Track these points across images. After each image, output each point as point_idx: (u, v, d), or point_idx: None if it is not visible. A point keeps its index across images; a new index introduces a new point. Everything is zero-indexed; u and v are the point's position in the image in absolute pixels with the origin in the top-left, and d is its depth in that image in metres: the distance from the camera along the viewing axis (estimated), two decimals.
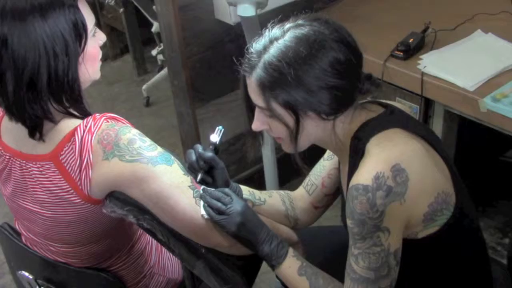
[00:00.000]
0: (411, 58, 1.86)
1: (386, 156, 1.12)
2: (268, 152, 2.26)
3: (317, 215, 1.50)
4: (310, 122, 1.17)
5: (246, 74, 1.18)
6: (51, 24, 1.14)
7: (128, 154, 1.19)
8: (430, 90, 1.78)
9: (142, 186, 1.20)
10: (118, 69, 4.04)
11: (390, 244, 1.13)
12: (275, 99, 1.15)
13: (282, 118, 1.17)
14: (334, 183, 1.45)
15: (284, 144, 1.24)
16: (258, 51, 1.16)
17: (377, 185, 1.09)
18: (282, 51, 1.13)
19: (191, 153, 1.31)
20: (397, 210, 1.11)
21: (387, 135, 1.16)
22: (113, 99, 3.72)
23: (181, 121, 2.48)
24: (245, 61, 1.18)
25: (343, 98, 1.16)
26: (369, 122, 1.20)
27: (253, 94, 1.18)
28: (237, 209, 1.22)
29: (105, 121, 1.21)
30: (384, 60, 1.86)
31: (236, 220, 1.21)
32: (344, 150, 1.24)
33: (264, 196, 1.45)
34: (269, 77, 1.14)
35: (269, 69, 1.13)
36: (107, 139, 1.19)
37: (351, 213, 1.12)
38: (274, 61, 1.13)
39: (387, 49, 1.89)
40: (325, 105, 1.15)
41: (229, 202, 1.23)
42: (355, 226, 1.12)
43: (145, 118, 3.49)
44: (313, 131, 1.19)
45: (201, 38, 2.25)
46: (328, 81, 1.13)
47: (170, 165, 1.22)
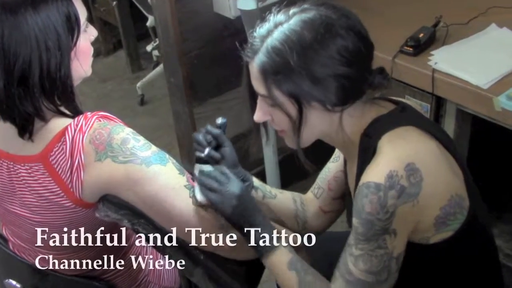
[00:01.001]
0: (421, 54, 1.86)
1: (399, 154, 1.12)
2: (269, 153, 2.26)
3: (327, 221, 1.50)
4: (314, 113, 1.17)
5: (248, 60, 1.18)
6: (43, 17, 1.15)
7: (121, 155, 1.19)
8: (442, 88, 1.78)
9: (136, 188, 1.20)
10: (111, 66, 4.05)
11: (395, 248, 1.12)
12: (277, 86, 1.15)
13: (284, 107, 1.16)
14: (341, 185, 1.45)
15: (287, 138, 1.24)
16: (261, 35, 1.16)
17: (390, 184, 1.09)
18: (285, 35, 1.13)
19: (198, 134, 1.31)
20: (408, 212, 1.11)
21: (399, 133, 1.16)
22: (105, 97, 3.72)
23: (177, 120, 2.48)
24: (248, 46, 1.18)
25: (351, 88, 1.15)
26: (380, 119, 1.20)
27: (255, 81, 1.18)
28: (233, 189, 1.21)
29: (97, 120, 1.21)
30: (393, 56, 1.86)
31: (232, 202, 1.20)
32: (352, 148, 1.24)
33: (275, 192, 1.45)
34: (271, 62, 1.13)
35: (272, 53, 1.13)
36: (99, 139, 1.19)
37: (359, 212, 1.12)
38: (276, 45, 1.13)
39: (396, 44, 1.89)
40: (330, 94, 1.14)
41: (225, 181, 1.22)
42: (360, 226, 1.12)
43: (140, 117, 3.49)
44: (317, 124, 1.19)
45: (199, 33, 2.25)
46: (335, 69, 1.12)
47: (164, 165, 1.22)
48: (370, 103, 1.22)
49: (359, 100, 1.19)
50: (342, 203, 1.48)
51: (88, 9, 3.24)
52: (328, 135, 1.23)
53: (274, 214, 1.37)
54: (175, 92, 2.37)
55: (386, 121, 1.18)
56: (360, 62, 1.15)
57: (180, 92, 2.33)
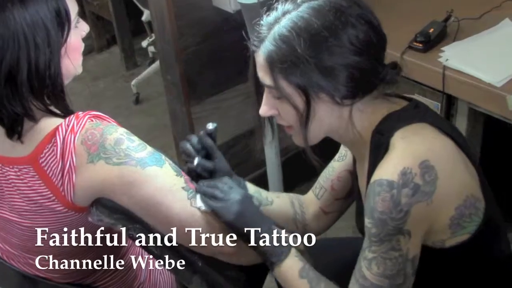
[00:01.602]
0: (431, 50, 1.86)
1: (413, 151, 1.12)
2: (272, 154, 2.26)
3: (328, 221, 1.51)
4: (323, 106, 1.17)
5: (255, 49, 1.19)
6: (31, 12, 1.15)
7: (115, 156, 1.19)
8: (453, 86, 1.78)
9: (131, 191, 1.20)
10: (104, 63, 4.05)
11: (409, 250, 1.13)
12: (284, 76, 1.15)
13: (291, 99, 1.17)
14: (345, 186, 1.45)
15: (295, 134, 1.24)
16: (268, 23, 1.18)
17: (404, 182, 1.09)
18: (293, 22, 1.14)
19: (185, 142, 1.33)
20: (422, 212, 1.11)
21: (413, 129, 1.17)
22: (98, 96, 3.73)
23: (174, 120, 2.48)
24: (255, 35, 1.19)
25: (362, 80, 1.16)
26: (392, 115, 1.20)
27: (261, 71, 1.19)
28: (236, 197, 1.23)
29: (89, 120, 1.21)
30: (402, 53, 1.86)
31: (234, 208, 1.22)
32: (362, 145, 1.24)
33: (272, 197, 1.46)
34: (278, 50, 1.14)
35: (278, 41, 1.14)
36: (92, 139, 1.19)
37: (371, 211, 1.12)
38: (284, 32, 1.14)
39: (405, 40, 1.89)
40: (340, 86, 1.15)
41: (227, 189, 1.24)
42: (373, 226, 1.12)
43: (134, 117, 3.50)
44: (326, 118, 1.19)
45: (197, 28, 2.25)
46: (345, 58, 1.13)
47: (160, 167, 1.22)
48: (382, 99, 1.22)
49: (370, 95, 1.20)
50: (345, 204, 1.48)
51: (80, 4, 3.25)
52: (337, 131, 1.24)
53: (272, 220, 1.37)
54: (172, 90, 2.37)
55: (399, 118, 1.19)
56: (371, 53, 1.16)
57: (177, 90, 2.34)
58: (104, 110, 1.28)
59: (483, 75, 1.73)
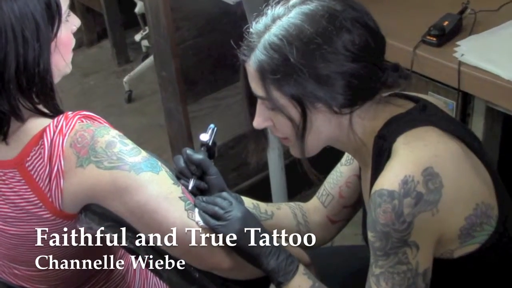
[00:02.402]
0: (446, 45, 1.86)
1: (416, 158, 1.13)
2: (274, 157, 2.26)
3: (334, 230, 1.51)
4: (320, 116, 1.18)
5: (245, 58, 1.20)
6: (20, 4, 1.15)
7: (106, 160, 1.19)
8: (469, 83, 1.78)
9: (124, 197, 1.21)
10: (95, 58, 4.06)
11: (419, 263, 1.13)
12: (277, 87, 1.16)
13: (285, 110, 1.18)
14: (354, 192, 1.45)
15: (292, 146, 1.26)
16: (258, 31, 1.18)
17: (405, 191, 1.10)
18: (284, 29, 1.15)
19: (179, 159, 1.32)
20: (428, 222, 1.12)
21: (417, 134, 1.17)
22: (88, 94, 3.73)
23: (170, 120, 2.48)
24: (244, 44, 1.19)
25: (360, 87, 1.16)
26: (396, 119, 1.21)
27: (253, 81, 1.20)
28: (237, 214, 1.23)
29: (79, 121, 1.22)
30: (414, 47, 1.86)
31: (236, 227, 1.22)
32: (366, 152, 1.25)
33: (271, 209, 1.46)
34: (269, 59, 1.15)
35: (269, 50, 1.15)
36: (82, 142, 1.20)
37: (373, 224, 1.13)
38: (275, 40, 1.15)
39: (418, 33, 1.89)
40: (337, 94, 1.15)
41: (227, 206, 1.24)
42: (377, 240, 1.13)
43: (127, 117, 3.50)
44: (324, 128, 1.20)
45: (195, 20, 2.26)
46: (340, 66, 1.14)
47: (156, 173, 1.23)
48: (384, 103, 1.23)
49: (371, 100, 1.20)
50: (353, 211, 1.49)
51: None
52: (338, 140, 1.24)
53: None
54: (167, 87, 2.38)
55: (402, 121, 1.19)
56: (369, 58, 1.16)
57: (173, 88, 2.34)
58: (94, 109, 1.29)
59: (501, 71, 1.73)
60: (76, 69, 3.88)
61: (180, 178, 1.32)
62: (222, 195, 1.28)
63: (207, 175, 1.32)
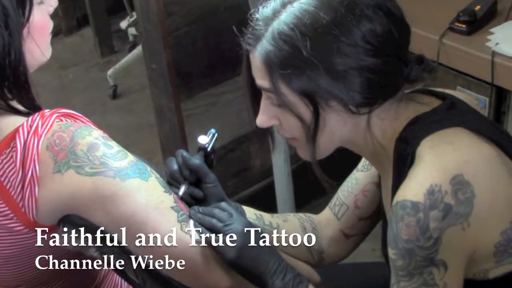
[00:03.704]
0: (477, 33, 1.86)
1: (444, 164, 1.13)
2: (280, 161, 2.27)
3: (349, 246, 1.51)
4: (334, 116, 1.18)
5: (249, 48, 1.19)
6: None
7: (88, 165, 1.20)
8: (504, 77, 1.78)
9: (108, 208, 1.21)
10: (74, 48, 4.07)
11: (447, 284, 1.13)
12: (286, 82, 1.16)
13: (295, 108, 1.18)
14: (372, 202, 1.45)
15: (300, 147, 1.25)
16: (265, 17, 1.18)
17: (431, 203, 1.10)
18: (296, 17, 1.15)
19: (172, 161, 1.32)
20: (458, 238, 1.11)
21: (445, 136, 1.17)
22: (67, 89, 3.74)
23: (160, 119, 2.49)
24: (249, 31, 1.19)
25: (380, 84, 1.16)
26: (420, 119, 1.21)
27: (258, 75, 1.20)
28: (238, 227, 1.23)
29: (57, 120, 1.22)
30: (441, 36, 1.86)
31: (236, 241, 1.22)
32: (385, 157, 1.24)
33: (277, 221, 1.46)
34: (278, 51, 1.15)
35: (279, 40, 1.15)
36: (60, 144, 1.20)
37: (395, 240, 1.13)
38: (285, 29, 1.15)
39: (445, 20, 1.89)
40: (354, 92, 1.15)
41: (227, 218, 1.24)
42: (399, 258, 1.12)
43: (111, 115, 3.51)
44: (338, 129, 1.20)
45: (189, 6, 2.26)
46: (359, 60, 1.14)
47: (145, 179, 1.23)
48: (407, 100, 1.23)
49: (392, 98, 1.20)
50: (371, 224, 1.49)
51: None
52: (353, 142, 1.24)
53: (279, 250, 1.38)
54: (158, 82, 2.38)
55: (427, 122, 1.19)
56: (392, 50, 1.16)
57: (164, 82, 2.34)
58: (73, 106, 1.29)
59: None
60: (53, 61, 3.88)
61: (171, 183, 1.32)
62: (220, 205, 1.28)
63: (204, 182, 1.32)
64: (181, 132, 2.40)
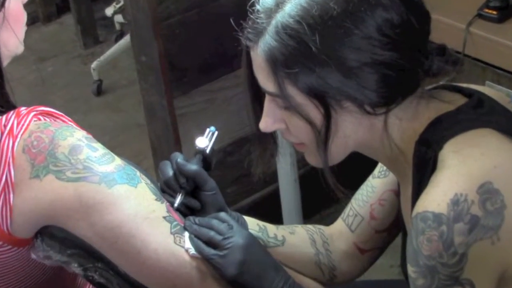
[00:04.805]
0: (510, 20, 1.86)
1: (470, 170, 1.13)
2: (285, 166, 2.26)
3: (364, 263, 1.51)
4: (348, 117, 1.19)
5: (250, 44, 1.20)
6: None
7: (69, 169, 1.20)
8: None
9: (92, 218, 1.21)
10: (53, 38, 4.07)
11: None
12: (293, 81, 1.16)
13: (304, 111, 1.18)
14: (389, 213, 1.46)
15: (308, 153, 1.26)
16: (267, 9, 1.18)
17: (456, 214, 1.10)
18: (303, 8, 1.15)
19: (167, 166, 1.33)
20: (486, 254, 1.11)
21: (471, 139, 1.17)
22: (45, 84, 3.73)
23: (151, 117, 2.49)
24: (249, 25, 1.20)
25: (399, 81, 1.17)
26: (442, 119, 1.21)
27: (261, 74, 1.20)
28: (239, 241, 1.23)
29: (35, 119, 1.22)
30: (468, 24, 1.86)
31: (237, 257, 1.22)
32: (404, 162, 1.25)
33: (282, 233, 1.46)
34: (283, 47, 1.15)
35: (283, 35, 1.15)
36: (38, 146, 1.20)
37: (415, 256, 1.13)
38: (290, 23, 1.15)
39: (473, 6, 1.89)
40: (370, 91, 1.16)
41: (226, 230, 1.25)
42: (420, 277, 1.13)
43: (96, 114, 3.51)
44: (352, 132, 1.21)
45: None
46: (375, 54, 1.14)
47: (134, 186, 1.23)
48: (428, 98, 1.23)
49: (411, 96, 1.20)
50: (389, 237, 1.49)
51: None
52: (369, 146, 1.25)
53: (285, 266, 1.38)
54: (148, 76, 2.38)
55: (451, 122, 1.19)
56: (411, 42, 1.17)
57: (155, 77, 2.34)
58: (53, 103, 1.29)
59: None
60: (29, 53, 3.87)
61: (165, 191, 1.32)
62: (219, 216, 1.28)
63: (202, 190, 1.32)
64: (174, 133, 2.40)
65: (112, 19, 3.73)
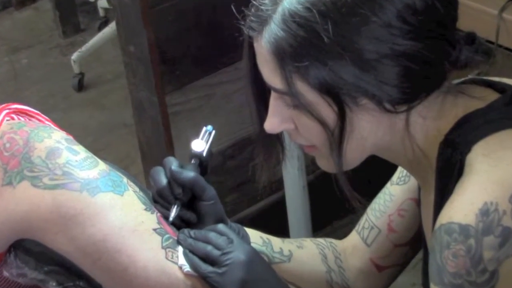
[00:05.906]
0: None
1: (501, 176, 1.13)
2: (292, 171, 2.27)
3: (382, 281, 1.52)
4: (364, 116, 1.19)
5: (253, 34, 1.20)
6: None
7: (47, 175, 1.20)
8: None
9: (72, 230, 1.21)
10: (28, 25, 4.07)
11: None
12: (303, 76, 1.16)
13: (315, 110, 1.18)
14: (411, 224, 1.46)
15: (320, 157, 1.26)
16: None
17: (485, 226, 1.10)
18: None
19: (160, 173, 1.33)
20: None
21: (503, 140, 1.17)
22: (19, 78, 3.74)
23: (140, 116, 2.49)
24: (252, 12, 1.20)
25: (422, 74, 1.17)
26: (471, 118, 1.21)
27: (265, 68, 1.20)
28: (239, 256, 1.23)
29: (7, 118, 1.23)
30: (501, 9, 1.87)
31: (238, 275, 1.22)
32: (427, 166, 1.25)
33: (289, 248, 1.47)
34: (291, 38, 1.15)
35: (292, 24, 1.15)
36: (11, 149, 1.21)
37: (439, 273, 1.13)
38: (299, 10, 1.15)
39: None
40: (390, 86, 1.16)
41: (225, 245, 1.25)
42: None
43: (77, 112, 3.52)
44: (369, 133, 1.21)
45: None
46: (395, 45, 1.14)
47: (120, 194, 1.24)
48: (455, 93, 1.23)
49: (436, 91, 1.20)
50: (410, 252, 1.49)
51: None
52: (388, 148, 1.25)
53: (292, 284, 1.38)
54: (137, 69, 2.39)
55: (481, 121, 1.19)
56: (436, 30, 1.17)
57: (145, 69, 2.35)
58: (28, 100, 1.30)
59: None
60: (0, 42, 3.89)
61: (158, 202, 1.32)
62: (218, 228, 1.28)
63: (200, 200, 1.33)
64: (166, 134, 2.40)
65: (95, 4, 3.74)
